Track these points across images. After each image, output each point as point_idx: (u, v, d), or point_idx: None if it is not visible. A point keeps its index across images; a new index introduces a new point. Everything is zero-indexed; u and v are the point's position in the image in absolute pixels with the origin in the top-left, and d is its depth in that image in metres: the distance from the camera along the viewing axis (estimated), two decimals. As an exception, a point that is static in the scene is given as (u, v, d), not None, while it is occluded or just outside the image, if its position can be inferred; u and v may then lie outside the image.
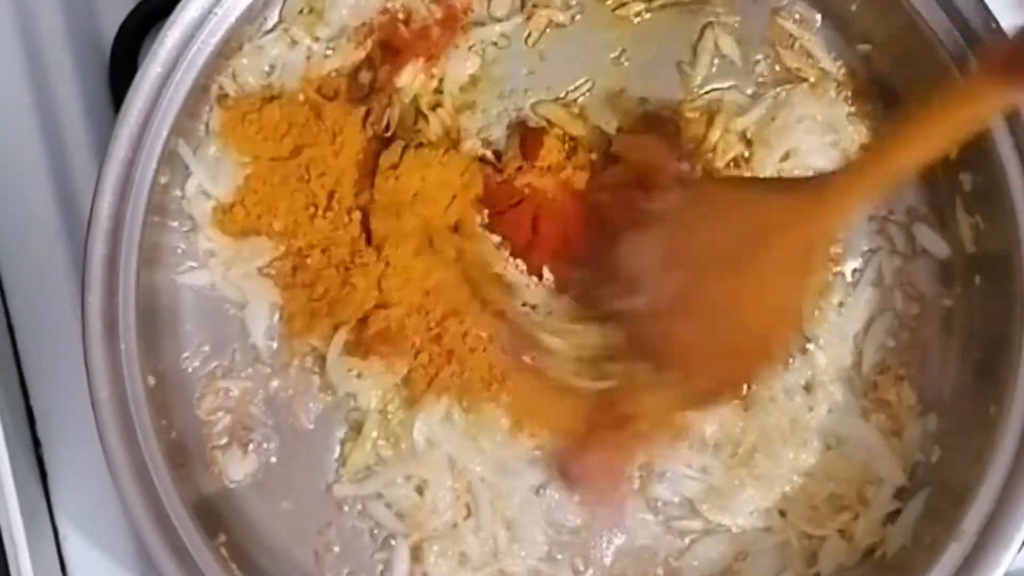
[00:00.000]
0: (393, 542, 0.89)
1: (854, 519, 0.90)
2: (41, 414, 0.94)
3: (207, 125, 0.90)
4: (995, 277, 0.88)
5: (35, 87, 0.96)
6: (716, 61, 0.93)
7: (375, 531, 0.90)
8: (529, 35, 0.93)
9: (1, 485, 0.85)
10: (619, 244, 0.85)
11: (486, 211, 0.90)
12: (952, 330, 0.91)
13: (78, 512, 0.93)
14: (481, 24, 0.93)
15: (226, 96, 0.90)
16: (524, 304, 0.90)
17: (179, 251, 0.90)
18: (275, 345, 0.90)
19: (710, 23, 0.93)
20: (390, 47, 0.92)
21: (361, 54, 0.92)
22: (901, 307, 0.92)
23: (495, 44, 0.93)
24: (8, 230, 0.94)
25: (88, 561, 0.93)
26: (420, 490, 0.89)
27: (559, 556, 0.90)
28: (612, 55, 0.93)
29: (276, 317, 0.90)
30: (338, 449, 0.90)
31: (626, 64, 0.93)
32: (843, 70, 0.93)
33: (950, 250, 0.91)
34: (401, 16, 0.92)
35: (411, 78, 0.92)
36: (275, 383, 0.90)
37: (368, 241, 0.90)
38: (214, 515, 0.87)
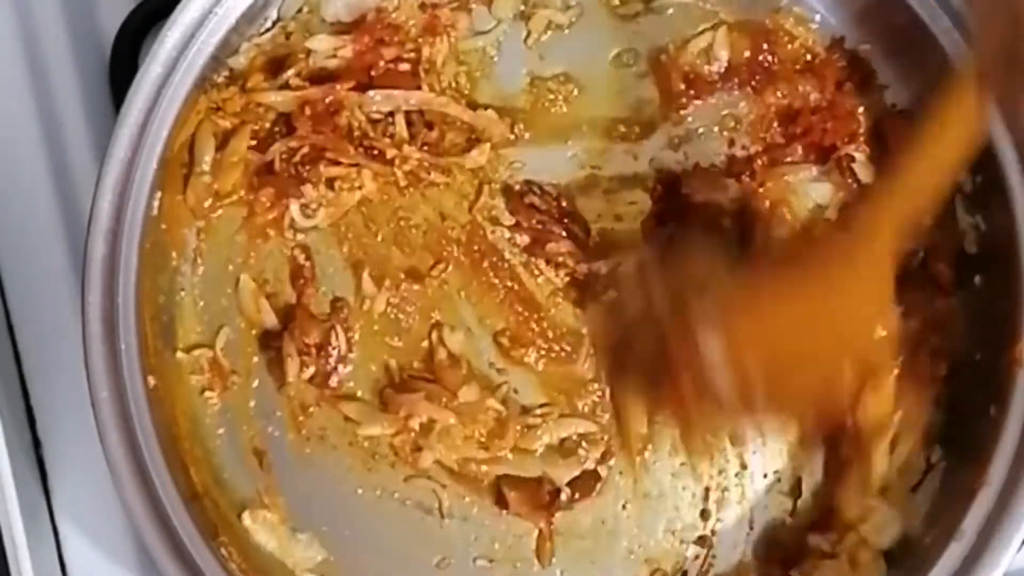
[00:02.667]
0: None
1: (854, 519, 0.90)
2: (41, 414, 0.94)
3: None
4: (995, 277, 0.88)
5: (35, 87, 0.96)
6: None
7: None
8: (529, 35, 0.93)
9: (1, 485, 0.85)
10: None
11: None
12: (952, 331, 0.91)
13: (78, 512, 0.93)
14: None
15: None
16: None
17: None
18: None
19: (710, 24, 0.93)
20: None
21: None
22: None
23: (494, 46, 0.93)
24: (8, 230, 0.94)
25: (88, 561, 0.93)
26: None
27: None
28: (612, 55, 0.93)
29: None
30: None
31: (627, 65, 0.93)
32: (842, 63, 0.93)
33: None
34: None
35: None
36: (275, 383, 0.91)
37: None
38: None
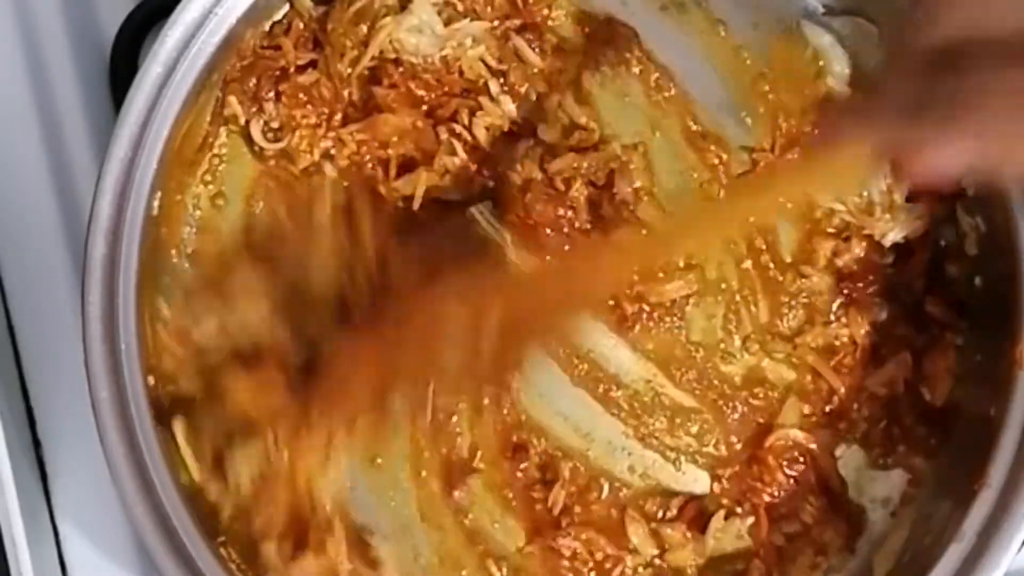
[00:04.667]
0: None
1: (854, 519, 0.90)
2: (41, 414, 0.94)
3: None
4: (995, 278, 0.88)
5: (35, 87, 0.96)
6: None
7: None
8: None
9: (1, 485, 0.85)
10: None
11: None
12: (952, 331, 0.91)
13: (78, 512, 0.93)
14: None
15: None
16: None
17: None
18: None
19: None
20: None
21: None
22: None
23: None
24: (8, 230, 0.94)
25: (88, 561, 0.93)
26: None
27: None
28: None
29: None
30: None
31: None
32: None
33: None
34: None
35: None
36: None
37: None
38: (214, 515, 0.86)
